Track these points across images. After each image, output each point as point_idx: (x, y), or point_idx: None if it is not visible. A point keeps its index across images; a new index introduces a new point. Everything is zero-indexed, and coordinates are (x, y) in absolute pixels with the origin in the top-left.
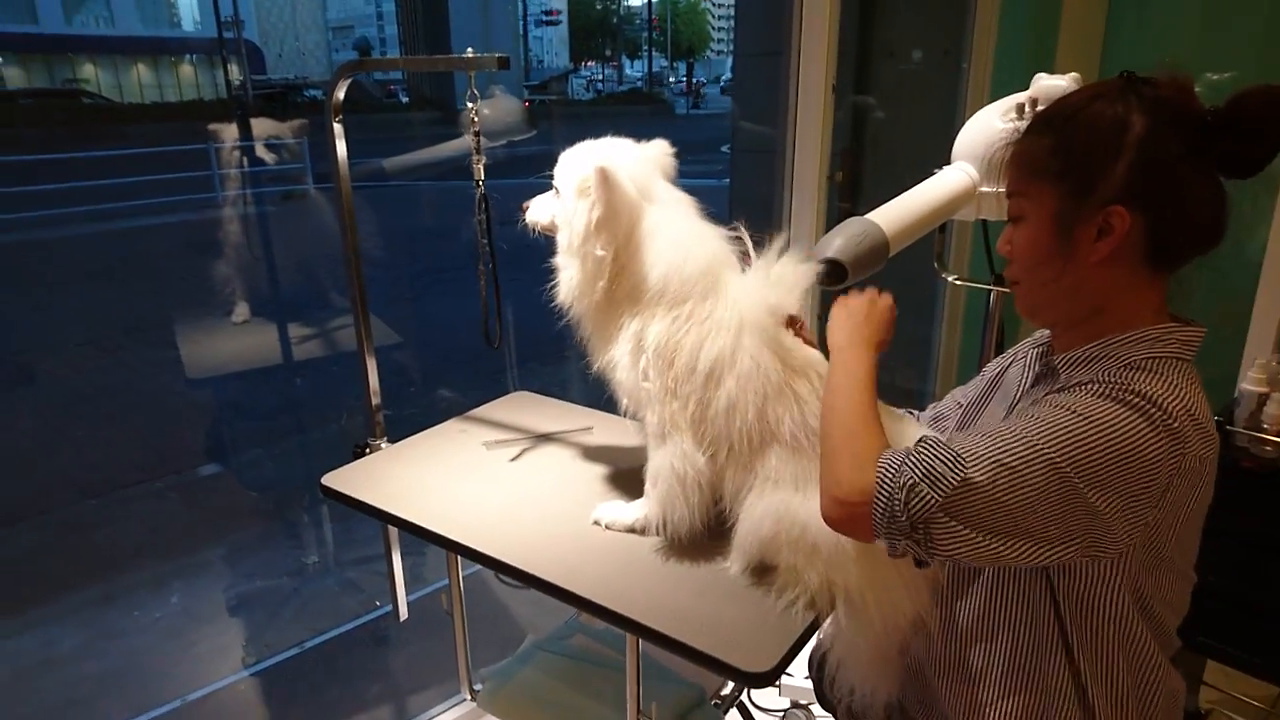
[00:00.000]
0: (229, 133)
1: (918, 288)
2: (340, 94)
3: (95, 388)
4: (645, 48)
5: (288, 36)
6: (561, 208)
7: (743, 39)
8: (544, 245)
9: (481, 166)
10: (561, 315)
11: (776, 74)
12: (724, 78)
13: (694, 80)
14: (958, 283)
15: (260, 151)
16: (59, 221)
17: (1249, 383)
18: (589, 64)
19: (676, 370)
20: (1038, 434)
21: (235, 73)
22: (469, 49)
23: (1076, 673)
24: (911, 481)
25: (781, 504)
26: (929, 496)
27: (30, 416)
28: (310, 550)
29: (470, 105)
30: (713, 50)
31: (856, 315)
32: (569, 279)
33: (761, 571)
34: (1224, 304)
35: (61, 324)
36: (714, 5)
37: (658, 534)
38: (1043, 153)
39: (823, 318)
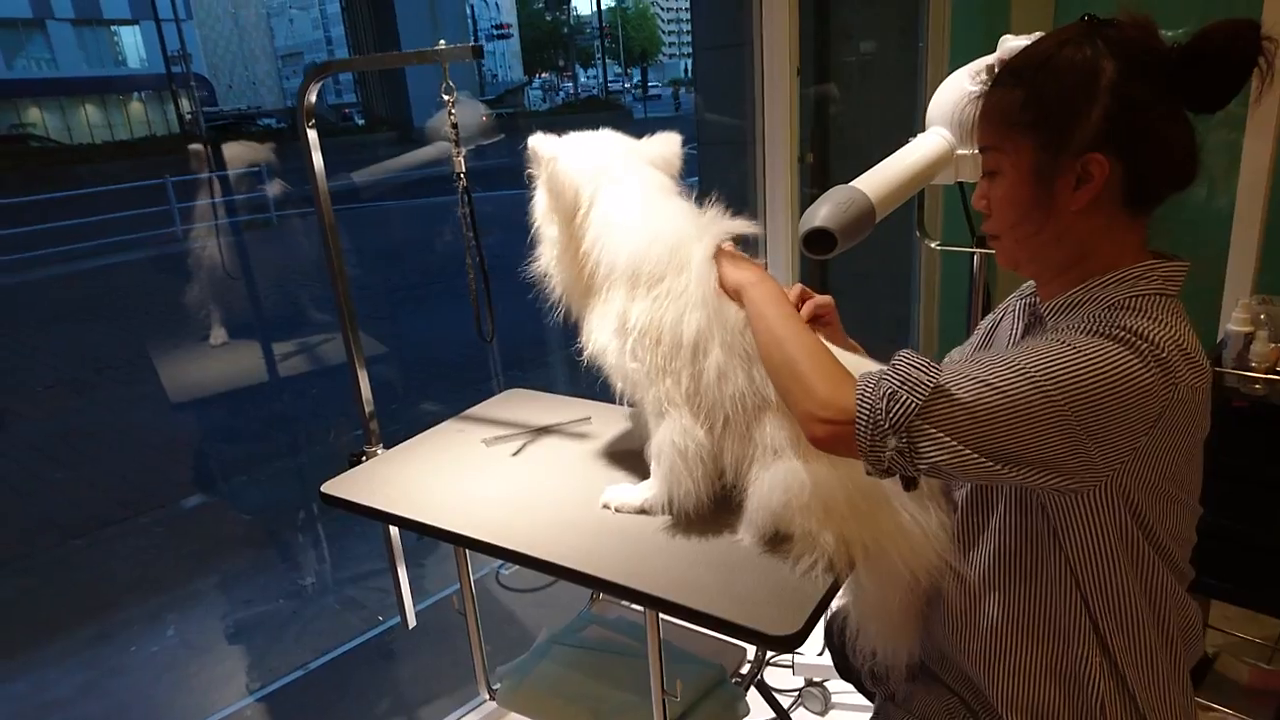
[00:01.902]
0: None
1: (892, 264)
2: (312, 97)
3: (70, 428)
4: (598, 56)
5: (237, 67)
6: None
7: (700, 34)
8: (521, 255)
9: (462, 159)
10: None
11: (738, 65)
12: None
13: (649, 83)
14: (940, 248)
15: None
16: (17, 267)
17: (1234, 323)
18: (542, 75)
19: (664, 347)
20: (1027, 360)
21: (186, 106)
22: (441, 40)
23: (1092, 613)
24: (891, 389)
25: (788, 472)
26: (909, 401)
27: (5, 461)
28: (306, 571)
29: (447, 97)
30: (664, 54)
31: (743, 259)
32: (540, 262)
33: (775, 541)
34: (1200, 252)
35: (29, 368)
36: (662, 10)
37: (666, 512)
38: (1014, 105)
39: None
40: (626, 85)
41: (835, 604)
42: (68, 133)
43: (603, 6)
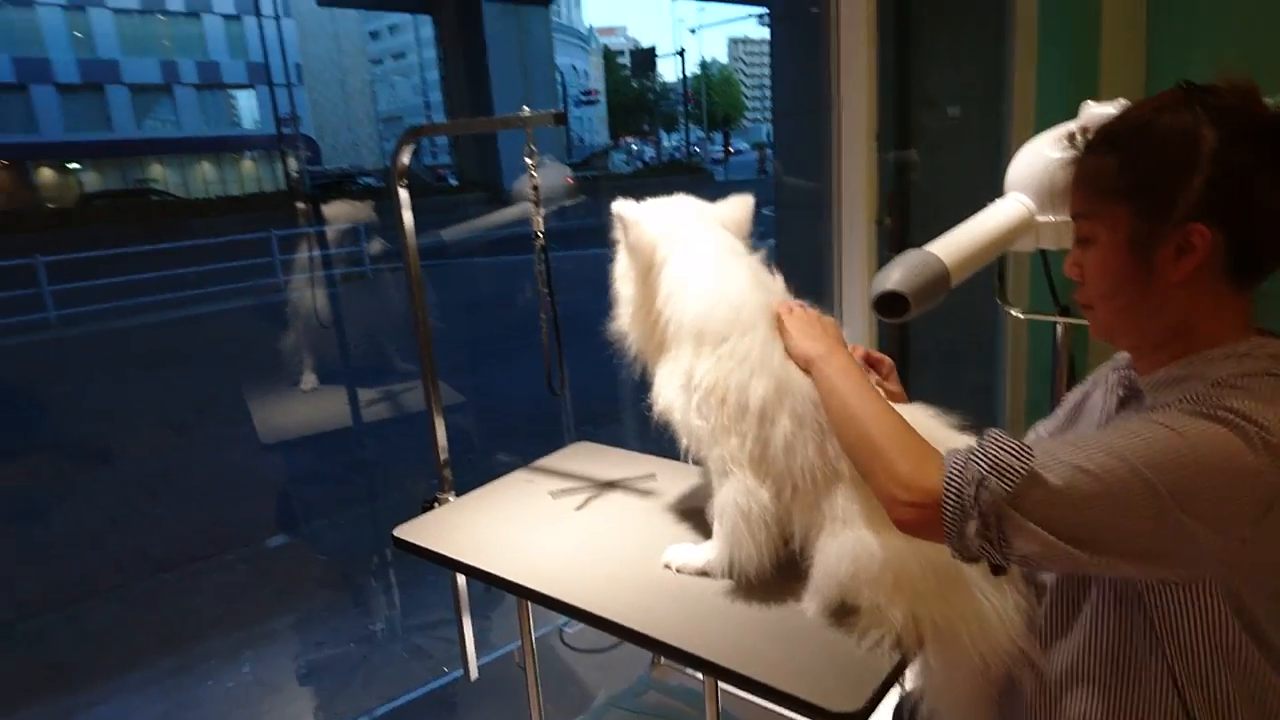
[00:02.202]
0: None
1: (977, 332)
2: (405, 158)
3: (169, 465)
4: (682, 121)
5: (341, 129)
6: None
7: (780, 100)
8: (600, 312)
9: (541, 217)
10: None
11: (816, 130)
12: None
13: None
14: (1022, 316)
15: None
16: (133, 311)
17: None
18: (627, 138)
19: (730, 408)
20: (1124, 443)
21: (293, 165)
22: (524, 107)
23: (1190, 714)
24: (980, 475)
25: (857, 542)
26: (999, 488)
27: (108, 495)
28: (377, 617)
29: (529, 160)
30: (747, 118)
31: (813, 325)
32: (618, 319)
33: (840, 613)
34: None
35: (137, 407)
36: (746, 76)
37: (727, 576)
38: (1109, 172)
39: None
40: (710, 149)
41: (908, 686)
42: (185, 187)
43: (687, 74)
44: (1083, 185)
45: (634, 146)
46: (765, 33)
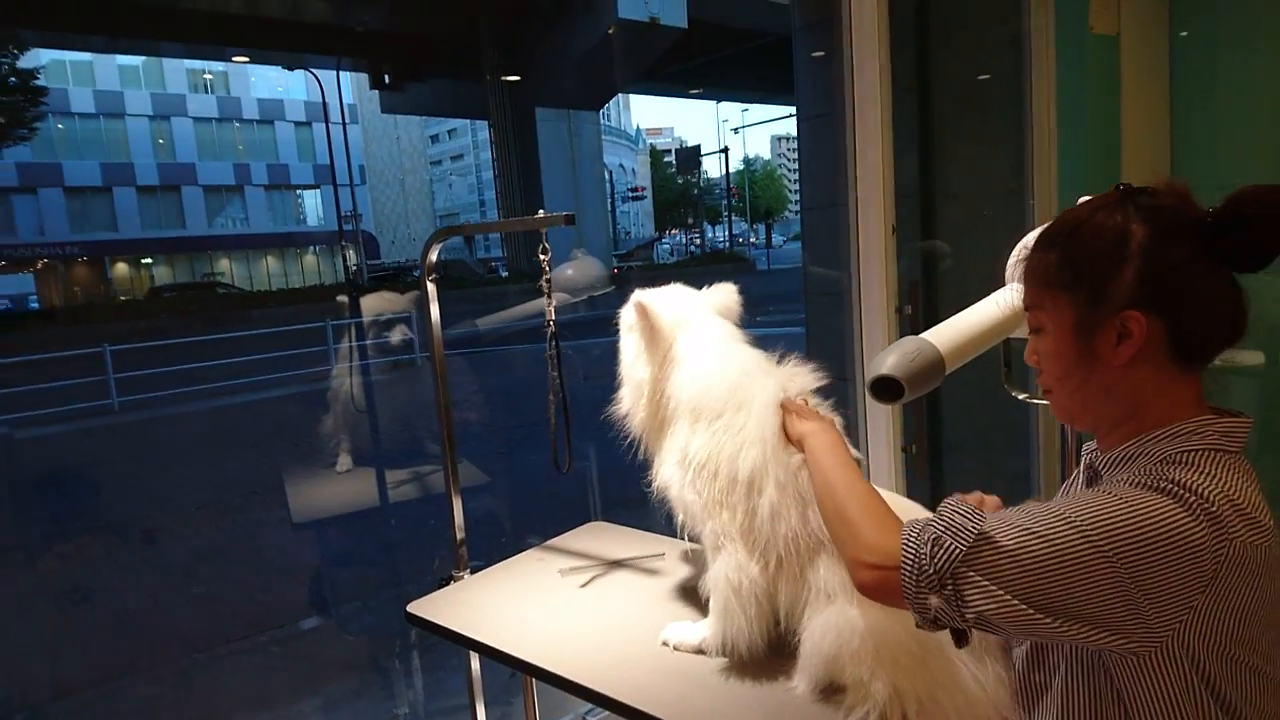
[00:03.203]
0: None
1: (1010, 418)
2: (433, 256)
3: (211, 546)
4: (725, 214)
5: (400, 225)
6: (623, 344)
7: (807, 194)
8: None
9: (553, 309)
10: (638, 457)
11: (840, 222)
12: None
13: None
14: (1031, 401)
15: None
16: (191, 397)
17: None
18: (673, 231)
19: (721, 481)
20: (1074, 511)
21: (353, 259)
22: (539, 210)
23: None
24: (935, 535)
25: (839, 616)
26: (953, 547)
27: (150, 574)
28: (401, 700)
29: (542, 256)
30: (791, 210)
31: (806, 410)
32: (624, 402)
33: (830, 690)
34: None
35: (185, 489)
36: (789, 170)
37: (722, 653)
38: (1051, 267)
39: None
40: (751, 239)
41: None
42: (249, 280)
43: (731, 170)
44: (1031, 279)
45: (679, 238)
46: None
